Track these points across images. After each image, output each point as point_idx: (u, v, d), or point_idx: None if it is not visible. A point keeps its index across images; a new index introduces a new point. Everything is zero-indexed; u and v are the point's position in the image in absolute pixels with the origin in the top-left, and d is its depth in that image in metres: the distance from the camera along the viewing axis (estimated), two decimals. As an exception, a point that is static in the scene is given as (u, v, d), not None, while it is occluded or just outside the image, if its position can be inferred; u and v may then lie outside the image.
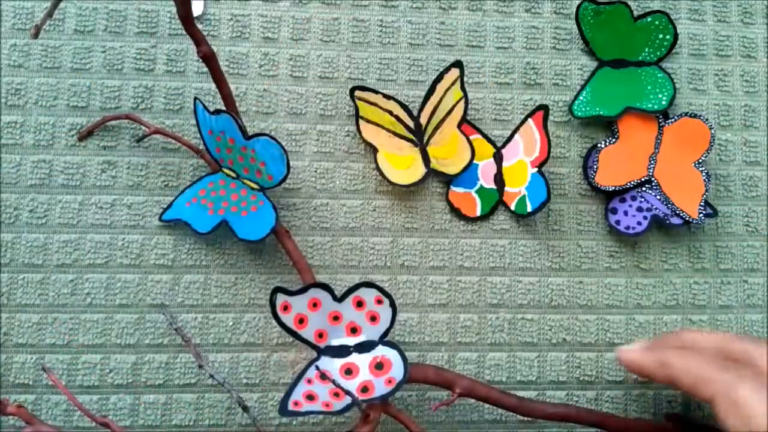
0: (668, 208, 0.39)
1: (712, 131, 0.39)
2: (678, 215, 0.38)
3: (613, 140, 0.40)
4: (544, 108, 0.39)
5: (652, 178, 0.39)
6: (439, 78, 0.38)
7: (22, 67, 0.38)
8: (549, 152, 0.38)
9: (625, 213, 0.39)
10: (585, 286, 0.39)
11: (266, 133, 0.34)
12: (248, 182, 0.36)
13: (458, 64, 0.38)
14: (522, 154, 0.39)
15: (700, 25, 0.42)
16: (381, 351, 0.34)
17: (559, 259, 0.39)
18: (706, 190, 0.38)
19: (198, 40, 0.33)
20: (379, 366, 0.34)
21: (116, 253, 0.38)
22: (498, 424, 0.38)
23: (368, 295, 0.34)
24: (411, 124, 0.39)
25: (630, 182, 0.39)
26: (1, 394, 0.36)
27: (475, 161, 0.39)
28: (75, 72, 0.39)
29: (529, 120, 0.39)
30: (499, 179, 0.39)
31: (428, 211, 0.39)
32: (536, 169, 0.38)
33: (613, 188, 0.39)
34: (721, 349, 0.29)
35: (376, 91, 0.38)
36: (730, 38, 0.42)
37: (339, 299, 0.34)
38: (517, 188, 0.39)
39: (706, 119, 0.39)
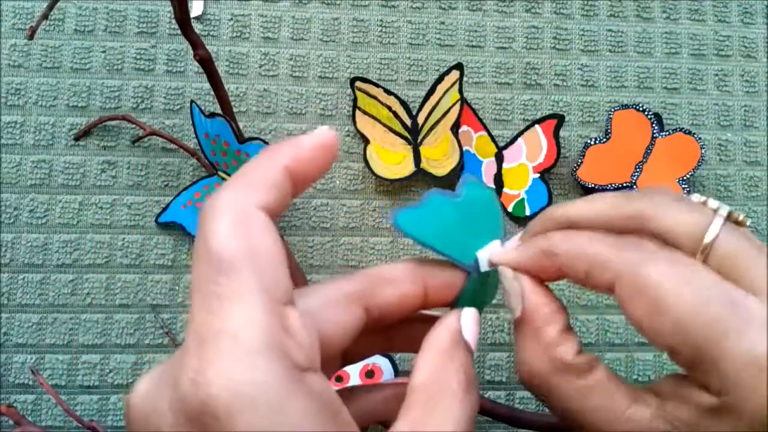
0: None
1: (703, 151, 0.39)
2: None
3: (604, 140, 0.39)
4: (558, 117, 0.39)
5: (634, 186, 0.39)
6: (440, 79, 0.38)
7: (22, 67, 0.38)
8: (556, 161, 0.38)
9: None
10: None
11: (260, 137, 0.34)
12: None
13: (459, 66, 0.38)
14: (524, 159, 0.39)
15: (700, 25, 0.42)
16: (372, 359, 0.34)
17: (559, 259, 0.39)
18: None
19: (195, 43, 0.33)
20: (369, 374, 0.34)
21: (116, 253, 0.38)
22: (498, 424, 0.38)
23: None
24: (408, 122, 0.39)
25: (611, 184, 0.39)
26: (2, 394, 0.36)
27: (480, 158, 0.39)
28: (75, 72, 0.39)
29: (537, 126, 0.39)
30: (498, 179, 0.39)
31: (428, 212, 0.39)
32: (538, 175, 0.38)
33: (593, 185, 0.39)
34: (612, 219, 0.22)
35: (377, 85, 0.38)
36: (730, 38, 0.42)
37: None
38: (516, 191, 0.39)
39: (699, 138, 0.39)
